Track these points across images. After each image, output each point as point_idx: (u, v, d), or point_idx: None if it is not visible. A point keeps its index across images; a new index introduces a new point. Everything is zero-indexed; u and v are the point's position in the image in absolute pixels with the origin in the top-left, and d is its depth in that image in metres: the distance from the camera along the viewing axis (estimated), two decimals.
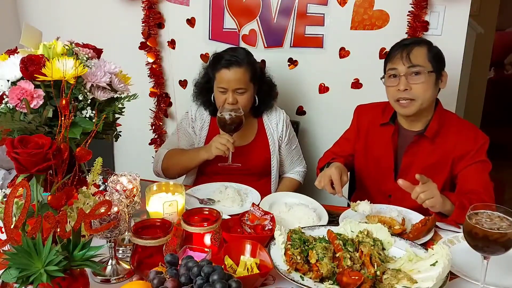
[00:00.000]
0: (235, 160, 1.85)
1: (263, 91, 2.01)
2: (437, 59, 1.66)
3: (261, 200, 1.65)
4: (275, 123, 2.03)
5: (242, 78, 1.88)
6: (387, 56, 1.74)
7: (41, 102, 1.16)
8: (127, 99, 1.32)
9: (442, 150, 1.69)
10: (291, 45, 2.30)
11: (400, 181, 1.44)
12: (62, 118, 1.02)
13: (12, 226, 0.88)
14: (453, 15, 2.06)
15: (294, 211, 1.55)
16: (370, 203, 1.53)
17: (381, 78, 1.73)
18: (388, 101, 1.77)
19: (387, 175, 1.77)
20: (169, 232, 1.18)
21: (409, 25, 2.10)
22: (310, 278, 1.16)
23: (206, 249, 1.19)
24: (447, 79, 1.70)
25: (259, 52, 2.33)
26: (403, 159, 1.74)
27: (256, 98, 1.99)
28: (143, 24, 2.43)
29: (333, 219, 1.52)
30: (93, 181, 1.18)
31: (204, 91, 2.01)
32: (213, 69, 1.93)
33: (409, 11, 2.09)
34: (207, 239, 1.24)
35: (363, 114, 1.88)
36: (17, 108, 1.16)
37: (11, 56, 1.23)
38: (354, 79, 2.28)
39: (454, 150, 1.67)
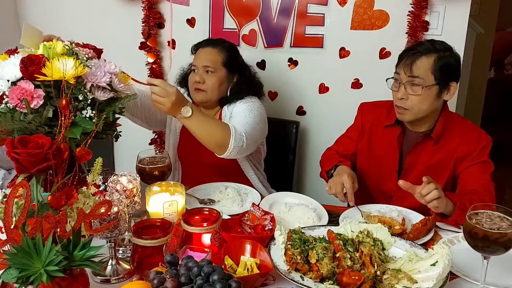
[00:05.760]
0: (206, 159, 1.79)
1: (239, 82, 1.91)
2: (444, 71, 1.59)
3: (261, 200, 1.65)
4: (229, 117, 1.87)
5: (213, 58, 1.85)
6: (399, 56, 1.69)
7: (41, 102, 1.16)
8: (127, 99, 1.32)
9: (445, 150, 1.68)
10: (291, 45, 2.30)
11: (401, 182, 1.43)
12: (62, 118, 1.02)
13: (12, 226, 0.88)
14: (453, 15, 2.06)
15: (294, 211, 1.55)
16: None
17: (386, 80, 1.70)
18: (392, 101, 1.76)
19: (390, 175, 1.76)
20: (169, 232, 1.18)
21: (409, 25, 2.10)
22: (310, 278, 1.16)
23: (206, 249, 1.19)
24: (455, 91, 1.65)
25: (259, 52, 2.34)
26: (406, 160, 1.74)
27: (229, 90, 1.89)
28: (143, 24, 2.43)
29: (333, 219, 1.52)
30: (93, 181, 1.18)
31: (186, 78, 1.95)
32: (193, 53, 1.93)
33: (409, 11, 2.09)
34: (207, 239, 1.24)
35: (367, 112, 1.86)
36: (17, 108, 1.16)
37: (11, 56, 1.23)
38: (354, 79, 2.28)
39: (457, 150, 1.66)
